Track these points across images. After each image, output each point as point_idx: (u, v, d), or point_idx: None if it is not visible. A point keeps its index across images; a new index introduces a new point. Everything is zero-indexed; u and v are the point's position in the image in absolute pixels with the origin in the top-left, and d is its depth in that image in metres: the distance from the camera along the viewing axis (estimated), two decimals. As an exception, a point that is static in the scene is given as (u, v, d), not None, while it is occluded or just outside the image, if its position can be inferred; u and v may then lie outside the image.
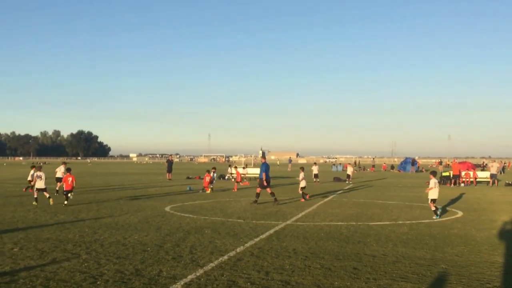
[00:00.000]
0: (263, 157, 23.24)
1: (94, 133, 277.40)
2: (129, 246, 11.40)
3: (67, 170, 21.86)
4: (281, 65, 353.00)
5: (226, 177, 43.36)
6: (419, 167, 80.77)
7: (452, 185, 37.30)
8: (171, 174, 42.87)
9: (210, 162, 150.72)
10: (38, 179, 20.84)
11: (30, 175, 26.67)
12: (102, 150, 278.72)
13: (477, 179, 39.65)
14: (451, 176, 38.61)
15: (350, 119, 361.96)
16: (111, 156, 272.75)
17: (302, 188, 23.99)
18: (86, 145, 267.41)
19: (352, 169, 43.94)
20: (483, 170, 46.86)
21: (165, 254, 10.52)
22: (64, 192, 20.58)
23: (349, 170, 42.38)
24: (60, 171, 25.74)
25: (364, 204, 21.73)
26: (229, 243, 11.87)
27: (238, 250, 11.02)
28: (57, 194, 23.94)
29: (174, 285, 8.12)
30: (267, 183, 21.76)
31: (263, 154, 23.92)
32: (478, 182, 39.51)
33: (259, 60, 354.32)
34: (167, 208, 19.27)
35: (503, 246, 11.97)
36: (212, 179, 29.47)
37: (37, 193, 20.75)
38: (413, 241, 12.43)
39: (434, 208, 17.49)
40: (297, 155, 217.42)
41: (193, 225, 14.80)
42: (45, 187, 20.89)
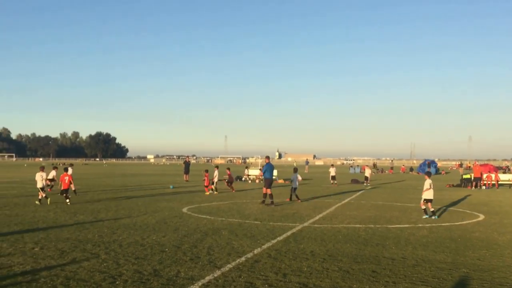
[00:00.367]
0: (267, 158, 23.97)
1: (112, 135, 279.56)
2: (147, 247, 11.45)
3: (64, 170, 22.80)
4: (299, 66, 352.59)
5: (243, 179, 43.39)
6: (439, 170, 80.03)
7: (473, 188, 36.90)
8: (188, 176, 43.01)
9: (227, 164, 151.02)
10: (39, 179, 21.64)
11: (52, 176, 27.91)
12: (120, 152, 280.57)
13: (499, 182, 39.13)
14: (472, 179, 38.17)
15: (368, 121, 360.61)
16: (129, 158, 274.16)
17: (294, 189, 24.14)
18: (105, 147, 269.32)
19: (370, 171, 43.66)
20: (505, 173, 46.16)
21: (183, 255, 10.54)
22: (62, 192, 21.64)
23: (367, 172, 42.12)
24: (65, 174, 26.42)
25: (383, 207, 21.59)
26: (247, 245, 11.86)
27: (256, 252, 11.00)
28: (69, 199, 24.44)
29: (192, 286, 8.13)
30: (268, 184, 22.09)
31: (268, 156, 24.34)
32: (500, 185, 38.98)
33: (277, 62, 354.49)
34: (185, 209, 19.32)
35: (525, 250, 11.80)
36: (232, 179, 29.42)
37: (42, 194, 21.39)
38: (433, 244, 12.30)
39: (432, 209, 17.86)
40: (314, 157, 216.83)
41: (210, 227, 14.82)
42: (43, 187, 21.60)
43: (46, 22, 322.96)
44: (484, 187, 37.52)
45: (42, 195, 21.27)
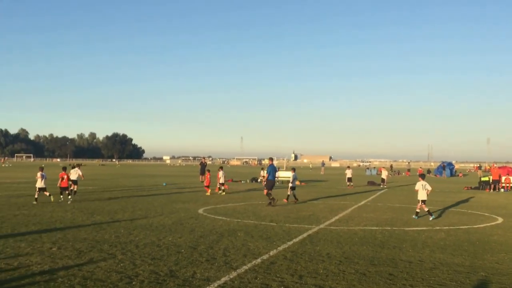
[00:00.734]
0: (271, 160, 24.20)
1: (129, 136, 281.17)
2: (164, 248, 11.49)
3: (63, 169, 23.37)
4: (315, 68, 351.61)
5: (259, 180, 43.38)
6: (456, 172, 79.28)
7: (492, 191, 36.51)
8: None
9: (243, 165, 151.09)
10: (40, 179, 22.06)
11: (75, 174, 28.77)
12: (136, 153, 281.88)
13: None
14: (491, 181, 37.77)
15: (385, 123, 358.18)
16: (145, 158, 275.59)
17: (293, 189, 24.28)
18: (121, 148, 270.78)
19: (387, 173, 43.41)
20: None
21: (199, 256, 10.56)
22: (61, 189, 22.56)
23: (384, 174, 41.88)
24: (76, 173, 26.81)
25: (399, 209, 21.45)
26: (262, 246, 11.85)
27: (271, 253, 10.99)
28: (71, 196, 24.86)
29: (208, 287, 8.14)
30: (268, 185, 22.57)
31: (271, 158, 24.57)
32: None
33: (292, 63, 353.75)
34: (200, 211, 19.37)
35: (544, 254, 11.64)
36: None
37: (38, 193, 21.94)
38: (451, 247, 12.19)
39: (426, 209, 17.93)
40: (330, 159, 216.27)
41: (226, 228, 14.84)
42: (45, 187, 22.08)
43: (64, 24, 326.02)
44: (503, 190, 37.08)
45: (46, 194, 21.99)
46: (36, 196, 21.81)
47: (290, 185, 24.49)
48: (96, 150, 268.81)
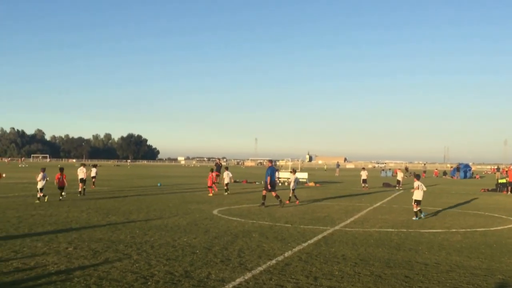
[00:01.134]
0: (270, 162, 24.42)
1: (144, 137, 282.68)
2: (179, 248, 11.51)
3: (60, 170, 24.00)
4: (330, 68, 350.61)
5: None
6: (473, 174, 78.53)
7: (509, 192, 36.09)
8: (220, 177, 43.13)
9: (257, 166, 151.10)
10: (41, 179, 22.68)
11: (94, 173, 33.68)
12: (151, 153, 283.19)
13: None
14: (508, 183, 37.36)
15: (401, 124, 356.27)
16: (160, 159, 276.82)
17: (293, 191, 24.35)
18: (136, 148, 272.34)
19: (402, 175, 43.13)
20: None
21: (214, 257, 10.57)
22: (59, 188, 23.18)
23: (399, 176, 41.61)
24: (82, 172, 27.45)
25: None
26: (277, 248, 11.83)
27: (286, 255, 10.96)
28: (80, 195, 26.24)
29: (223, 288, 8.15)
30: (271, 187, 22.59)
31: (271, 160, 24.74)
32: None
33: (307, 63, 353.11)
34: (215, 211, 19.40)
35: None
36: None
37: (40, 193, 22.55)
38: (468, 250, 12.08)
39: (416, 210, 18.41)
40: (345, 160, 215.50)
41: (241, 229, 14.84)
42: (42, 187, 22.66)
43: (79, 24, 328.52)
44: (520, 192, 36.65)
45: (41, 195, 22.51)
46: (38, 196, 22.47)
47: (292, 187, 24.59)
48: (111, 151, 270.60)
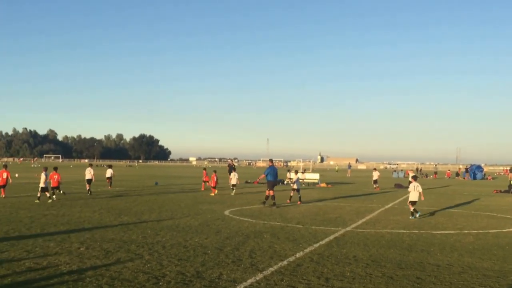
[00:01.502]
0: (270, 161, 24.85)
1: (156, 137, 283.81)
2: (190, 249, 11.54)
3: (54, 169, 24.41)
4: (341, 69, 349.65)
5: (285, 182, 43.30)
6: (485, 175, 77.94)
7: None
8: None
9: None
10: (42, 179, 23.09)
11: (110, 173, 34.65)
12: (163, 154, 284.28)
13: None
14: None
15: (413, 125, 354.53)
16: (172, 160, 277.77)
17: (296, 190, 24.42)
18: (148, 149, 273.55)
19: (414, 176, 42.90)
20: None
21: (225, 257, 10.58)
22: (52, 189, 23.39)
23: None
24: (89, 173, 27.74)
25: (427, 212, 21.16)
26: (289, 248, 11.82)
27: (298, 256, 10.96)
28: (89, 194, 26.69)
29: (235, 289, 8.16)
30: (270, 186, 22.58)
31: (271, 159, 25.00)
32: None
33: (319, 64, 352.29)
34: (227, 212, 19.42)
35: None
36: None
37: (40, 193, 22.91)
38: (480, 251, 12.00)
39: (412, 209, 18.74)
40: (357, 161, 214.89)
41: (252, 229, 14.85)
42: (46, 187, 22.96)
43: (92, 25, 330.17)
44: (533, 194, 36.35)
45: (47, 194, 22.81)
46: (39, 195, 22.85)
47: (294, 187, 24.52)
48: (123, 151, 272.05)
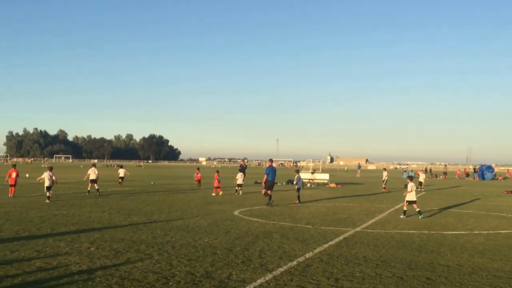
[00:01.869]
0: (270, 161, 25.29)
1: (165, 137, 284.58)
2: (200, 249, 11.56)
3: (49, 169, 24.40)
4: (352, 69, 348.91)
5: (294, 182, 43.28)
6: (495, 175, 77.40)
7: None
8: (244, 179, 43.22)
9: (278, 167, 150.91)
10: (47, 178, 23.29)
11: (123, 172, 36.62)
12: (173, 154, 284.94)
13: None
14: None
15: (423, 125, 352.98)
16: (181, 160, 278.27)
17: (298, 190, 25.00)
18: (157, 149, 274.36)
19: (424, 176, 42.78)
20: None
21: (235, 258, 10.59)
22: (47, 188, 23.43)
23: (421, 177, 41.27)
24: (94, 173, 28.08)
25: (437, 213, 21.09)
26: (298, 249, 11.81)
27: (307, 256, 10.94)
28: (88, 194, 27.06)
29: (244, 289, 8.16)
30: (268, 186, 23.15)
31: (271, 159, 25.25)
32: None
33: (329, 64, 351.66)
34: (236, 212, 19.43)
35: None
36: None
37: (46, 191, 23.21)
38: (491, 252, 11.93)
39: (418, 208, 19.07)
40: (367, 161, 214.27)
41: (262, 230, 14.84)
42: (50, 186, 23.28)
43: (101, 24, 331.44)
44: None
45: (49, 193, 23.03)
46: (48, 195, 22.98)
47: (296, 187, 25.15)
48: (133, 151, 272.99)
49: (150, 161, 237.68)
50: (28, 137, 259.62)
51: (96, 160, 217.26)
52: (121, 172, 37.02)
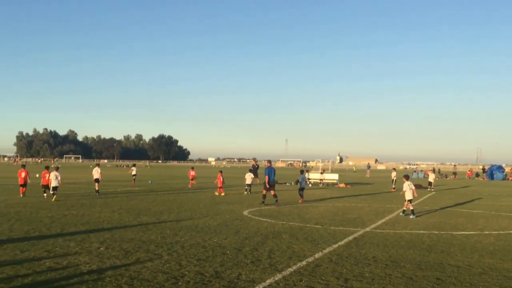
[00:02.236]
0: (268, 162, 25.47)
1: (175, 137, 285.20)
2: (209, 249, 11.58)
3: (46, 168, 25.06)
4: (361, 69, 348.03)
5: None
6: (506, 175, 76.89)
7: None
8: (258, 179, 43.22)
9: (287, 167, 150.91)
10: (53, 179, 23.54)
11: (135, 171, 38.62)
12: (182, 154, 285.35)
13: None
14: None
15: (433, 124, 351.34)
16: (190, 160, 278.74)
17: (302, 189, 25.54)
18: (167, 149, 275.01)
19: (434, 176, 42.57)
20: None
21: (244, 258, 10.60)
22: (42, 187, 24.22)
23: (431, 177, 41.08)
24: (97, 173, 28.32)
25: (447, 213, 21.01)
26: (307, 249, 11.80)
27: (317, 256, 10.93)
28: (97, 194, 27.44)
29: (253, 289, 8.16)
30: (270, 186, 23.18)
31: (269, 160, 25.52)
32: None
33: (337, 63, 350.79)
34: (245, 212, 19.44)
35: None
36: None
37: (53, 191, 23.42)
38: (501, 252, 11.86)
39: (412, 208, 19.25)
40: (376, 161, 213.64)
41: (271, 230, 14.84)
42: (57, 186, 23.56)
43: (110, 25, 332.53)
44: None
45: (48, 193, 23.49)
46: (52, 193, 23.32)
47: (299, 187, 25.66)
48: (143, 152, 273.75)
49: (160, 161, 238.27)
50: (38, 137, 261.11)
51: (106, 160, 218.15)
52: (134, 171, 37.99)
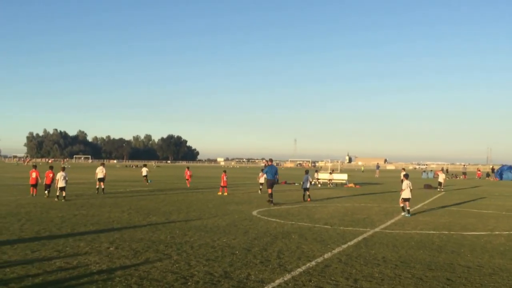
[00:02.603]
0: (270, 161, 25.51)
1: (184, 138, 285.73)
2: (218, 249, 11.59)
3: (50, 168, 25.26)
4: (370, 68, 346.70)
5: (313, 183, 43.21)
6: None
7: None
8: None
9: (296, 167, 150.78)
10: (61, 179, 23.73)
11: (146, 172, 38.50)
12: (191, 154, 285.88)
13: None
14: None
15: (442, 124, 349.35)
16: (199, 160, 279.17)
17: (306, 189, 25.81)
18: (176, 149, 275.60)
19: (444, 176, 42.41)
20: None
21: (253, 258, 10.60)
22: (45, 186, 24.44)
23: (441, 178, 40.94)
24: (101, 172, 28.59)
25: (457, 213, 20.91)
26: (317, 249, 11.78)
27: (326, 256, 10.91)
28: (97, 193, 27.79)
29: (262, 289, 8.16)
30: (268, 185, 23.46)
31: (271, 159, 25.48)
32: None
33: (346, 63, 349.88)
34: (254, 212, 19.44)
35: None
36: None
37: (58, 191, 23.62)
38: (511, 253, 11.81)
39: (408, 207, 19.57)
40: (385, 161, 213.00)
41: (280, 230, 14.83)
42: (64, 186, 23.72)
43: (119, 24, 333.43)
44: None
45: (63, 193, 23.47)
46: (58, 194, 23.55)
47: (303, 186, 25.95)
48: (152, 152, 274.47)
49: (169, 162, 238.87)
50: (48, 138, 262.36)
51: (116, 161, 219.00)
52: (144, 171, 38.21)
